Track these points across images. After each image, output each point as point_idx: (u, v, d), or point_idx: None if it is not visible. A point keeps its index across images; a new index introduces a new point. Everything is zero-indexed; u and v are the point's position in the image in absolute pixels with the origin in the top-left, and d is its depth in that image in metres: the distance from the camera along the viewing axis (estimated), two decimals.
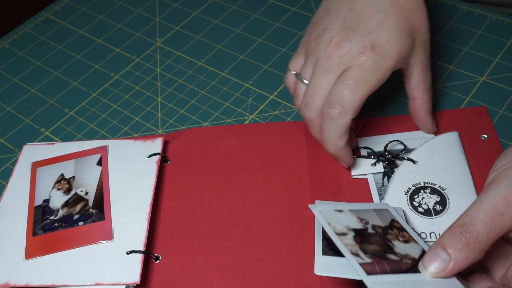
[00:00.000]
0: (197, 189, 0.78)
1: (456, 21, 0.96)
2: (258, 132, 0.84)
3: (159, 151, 0.80)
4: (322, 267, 0.62)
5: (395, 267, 0.61)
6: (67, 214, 0.75)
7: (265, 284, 0.69)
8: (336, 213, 0.66)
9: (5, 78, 0.99)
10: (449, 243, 0.59)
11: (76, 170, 0.79)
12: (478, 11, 0.97)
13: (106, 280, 0.68)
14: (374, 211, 0.68)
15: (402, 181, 0.75)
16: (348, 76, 0.71)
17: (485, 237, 0.58)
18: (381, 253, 0.62)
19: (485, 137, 0.78)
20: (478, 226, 0.58)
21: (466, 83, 0.87)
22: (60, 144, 0.84)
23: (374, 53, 0.71)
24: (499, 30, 0.93)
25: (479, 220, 0.58)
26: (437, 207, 0.72)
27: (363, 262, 0.60)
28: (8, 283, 0.68)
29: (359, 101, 0.70)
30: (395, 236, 0.65)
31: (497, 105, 0.82)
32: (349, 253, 0.61)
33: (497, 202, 0.58)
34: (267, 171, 0.79)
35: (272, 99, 0.89)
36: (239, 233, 0.74)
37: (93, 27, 1.07)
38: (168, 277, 0.71)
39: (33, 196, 0.77)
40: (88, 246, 0.71)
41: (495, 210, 0.58)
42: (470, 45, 0.92)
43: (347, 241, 0.62)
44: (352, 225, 0.65)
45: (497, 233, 0.58)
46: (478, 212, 0.58)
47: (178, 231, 0.75)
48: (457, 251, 0.58)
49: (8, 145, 0.89)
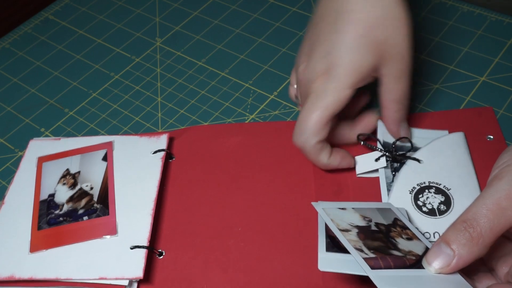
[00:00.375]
0: (201, 186, 0.79)
1: (456, 21, 0.96)
2: (263, 131, 0.84)
3: (164, 148, 0.81)
4: (326, 263, 0.62)
5: (399, 262, 0.61)
6: (72, 208, 0.75)
7: (267, 282, 0.69)
8: (339, 210, 0.67)
9: (5, 78, 1.00)
10: (453, 238, 0.59)
11: (82, 165, 0.80)
12: (478, 11, 0.97)
13: (109, 275, 0.68)
14: (377, 210, 0.68)
15: (406, 180, 0.75)
16: (306, 102, 0.74)
17: (488, 232, 0.58)
18: (385, 249, 0.62)
19: (491, 138, 0.79)
20: (482, 221, 0.58)
21: (466, 83, 0.87)
22: (66, 140, 0.84)
23: (327, 76, 0.73)
24: (499, 30, 0.94)
25: (482, 215, 0.58)
26: (442, 207, 0.72)
27: (367, 257, 0.60)
28: (13, 276, 0.69)
29: (317, 125, 0.73)
30: (398, 234, 0.65)
31: (497, 105, 0.83)
32: (353, 249, 0.61)
33: (500, 197, 0.58)
34: (272, 170, 0.80)
35: (272, 99, 0.90)
36: (243, 231, 0.74)
37: (93, 27, 1.07)
38: (171, 273, 0.71)
39: (38, 190, 0.78)
40: (92, 241, 0.71)
41: (498, 205, 0.58)
42: (470, 45, 0.92)
43: (350, 237, 0.63)
44: (356, 222, 0.65)
45: (500, 228, 0.58)
46: (481, 208, 0.59)
47: (182, 227, 0.75)
48: (461, 246, 0.58)
49: (8, 145, 0.89)
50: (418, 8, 0.99)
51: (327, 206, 0.67)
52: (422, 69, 0.90)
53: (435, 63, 0.90)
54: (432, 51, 0.91)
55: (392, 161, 0.77)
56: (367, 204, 0.69)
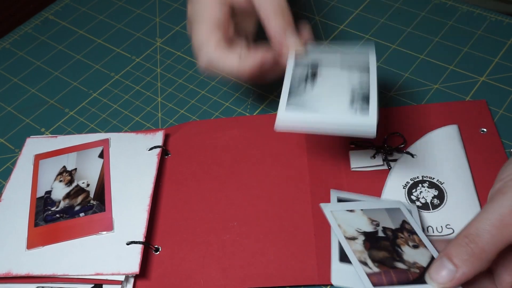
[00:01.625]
0: (197, 182, 0.79)
1: (456, 21, 0.97)
2: (259, 124, 0.85)
3: (160, 144, 0.81)
4: (339, 277, 0.64)
5: (403, 277, 0.62)
6: (68, 205, 0.76)
7: (263, 276, 0.70)
8: (347, 213, 0.68)
9: (6, 78, 1.00)
10: (455, 253, 0.60)
11: (78, 162, 0.81)
12: (478, 11, 0.98)
13: (106, 270, 0.69)
14: (386, 211, 0.69)
15: (400, 175, 0.76)
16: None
17: (491, 248, 0.59)
18: (390, 261, 0.63)
19: (485, 131, 0.79)
20: (485, 237, 0.59)
21: (466, 83, 0.87)
22: (62, 137, 0.85)
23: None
24: (499, 30, 0.94)
25: (485, 231, 0.59)
26: (435, 201, 0.73)
27: (370, 272, 0.61)
28: (10, 272, 0.69)
29: (206, 29, 0.78)
30: (405, 241, 0.66)
31: (497, 105, 0.83)
32: (357, 262, 0.62)
33: (504, 213, 0.59)
34: (267, 163, 0.80)
35: (272, 99, 0.90)
36: (239, 225, 0.74)
37: (93, 27, 1.08)
38: (167, 268, 0.71)
39: (35, 187, 0.79)
40: (88, 237, 0.72)
41: (501, 221, 0.59)
42: (470, 45, 0.93)
43: (356, 247, 0.64)
44: (363, 227, 0.66)
45: (503, 244, 0.59)
46: (484, 224, 0.59)
47: (178, 223, 0.76)
48: (463, 262, 0.59)
49: (9, 145, 0.89)
50: (418, 8, 0.99)
51: (336, 208, 0.68)
52: (422, 69, 0.90)
53: (435, 63, 0.91)
54: (432, 51, 0.92)
55: (386, 157, 0.78)
56: (376, 203, 0.70)
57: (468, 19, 0.97)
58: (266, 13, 0.77)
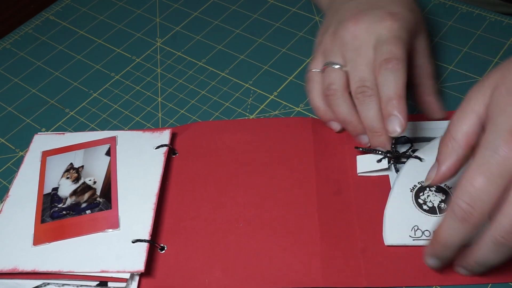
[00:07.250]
0: (203, 182, 0.80)
1: (456, 21, 0.98)
2: (266, 127, 0.86)
3: (166, 143, 0.82)
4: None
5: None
6: (75, 202, 0.77)
7: (268, 277, 0.70)
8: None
9: (6, 78, 1.01)
10: (439, 152, 0.67)
11: (85, 159, 0.82)
12: (478, 11, 0.99)
13: (111, 268, 0.70)
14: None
15: (408, 179, 0.76)
16: (384, 38, 0.75)
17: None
18: None
19: None
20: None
21: (466, 83, 0.88)
22: (70, 134, 0.86)
23: (395, 17, 0.76)
24: (499, 30, 0.95)
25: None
26: (442, 205, 0.73)
27: None
28: (16, 268, 0.70)
29: (405, 54, 0.75)
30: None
31: None
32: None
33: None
34: (273, 166, 0.81)
35: (272, 99, 0.91)
36: (244, 226, 0.75)
37: (93, 28, 1.09)
38: (172, 267, 0.72)
39: (42, 184, 0.79)
40: (94, 234, 0.73)
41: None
42: (469, 45, 0.94)
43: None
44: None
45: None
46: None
47: (184, 222, 0.76)
48: (444, 157, 0.66)
49: (9, 145, 0.90)
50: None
51: None
52: None
53: (435, 63, 0.91)
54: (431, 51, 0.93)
55: (395, 161, 0.78)
56: None
57: (468, 19, 0.98)
58: (429, 71, 0.83)
